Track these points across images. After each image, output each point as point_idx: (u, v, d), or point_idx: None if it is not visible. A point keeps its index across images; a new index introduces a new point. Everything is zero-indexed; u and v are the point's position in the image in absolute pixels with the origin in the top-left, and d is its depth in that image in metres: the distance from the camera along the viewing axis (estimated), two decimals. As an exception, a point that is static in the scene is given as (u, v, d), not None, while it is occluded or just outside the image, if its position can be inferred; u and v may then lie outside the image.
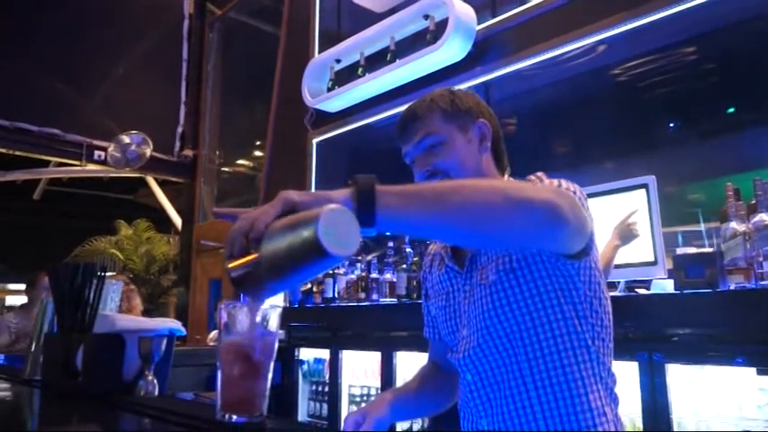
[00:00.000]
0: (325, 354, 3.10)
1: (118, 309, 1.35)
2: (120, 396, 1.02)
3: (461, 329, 1.10)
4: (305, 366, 3.24)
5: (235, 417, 0.79)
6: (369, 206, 0.73)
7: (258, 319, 0.80)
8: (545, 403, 1.00)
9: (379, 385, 2.75)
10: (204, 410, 0.90)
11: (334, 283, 3.15)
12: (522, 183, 0.89)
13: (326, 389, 3.03)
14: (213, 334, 4.27)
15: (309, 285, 3.43)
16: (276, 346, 0.82)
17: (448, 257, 1.16)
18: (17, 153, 5.22)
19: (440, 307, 1.18)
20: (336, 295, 3.13)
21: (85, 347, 1.08)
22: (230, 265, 0.75)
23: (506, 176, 1.18)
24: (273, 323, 0.81)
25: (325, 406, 3.03)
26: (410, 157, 1.15)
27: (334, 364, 2.97)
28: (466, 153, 1.11)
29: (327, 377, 3.03)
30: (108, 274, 1.26)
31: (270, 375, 0.81)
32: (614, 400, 1.05)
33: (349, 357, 2.98)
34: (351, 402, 2.93)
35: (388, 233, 0.78)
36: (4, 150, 5.14)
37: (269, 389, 0.81)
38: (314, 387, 3.16)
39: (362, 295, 3.00)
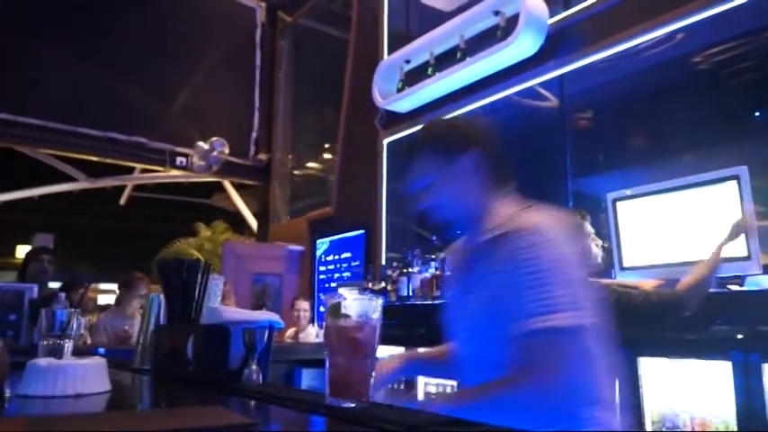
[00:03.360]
0: (399, 351, 3.12)
1: (221, 303, 1.43)
2: (227, 383, 1.09)
3: None
4: (380, 363, 3.28)
5: (344, 402, 0.83)
6: None
7: (363, 307, 0.85)
8: None
9: (454, 383, 2.75)
10: (311, 396, 0.95)
11: (409, 281, 3.19)
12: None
13: (402, 387, 3.06)
14: (290, 332, 4.40)
15: (383, 284, 3.48)
16: (379, 334, 0.86)
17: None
18: (107, 161, 5.60)
19: None
20: (411, 293, 3.17)
21: (195, 338, 1.17)
22: None
23: (509, 189, 1.19)
24: (376, 312, 0.85)
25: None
26: (410, 191, 1.22)
27: (410, 362, 2.99)
28: (457, 189, 1.17)
29: (403, 374, 3.06)
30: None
31: (375, 363, 0.85)
32: None
33: (424, 355, 2.99)
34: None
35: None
36: (95, 158, 5.52)
37: (373, 376, 0.85)
38: (389, 384, 3.19)
39: (437, 293, 3.02)
